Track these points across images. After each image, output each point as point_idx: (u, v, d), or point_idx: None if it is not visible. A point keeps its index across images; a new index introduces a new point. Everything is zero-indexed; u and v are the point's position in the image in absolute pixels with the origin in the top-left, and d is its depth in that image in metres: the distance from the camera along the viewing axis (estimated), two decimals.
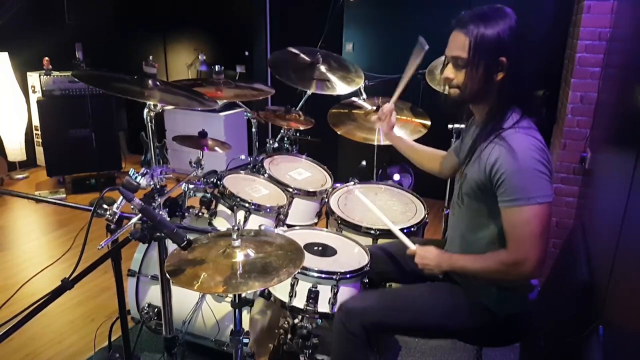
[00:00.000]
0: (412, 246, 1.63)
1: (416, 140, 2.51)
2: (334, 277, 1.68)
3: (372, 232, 2.04)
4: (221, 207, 2.14)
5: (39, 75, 4.29)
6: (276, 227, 2.11)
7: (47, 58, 4.39)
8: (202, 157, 2.20)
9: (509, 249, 1.36)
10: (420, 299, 1.56)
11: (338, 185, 2.42)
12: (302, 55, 2.68)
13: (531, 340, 1.62)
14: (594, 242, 1.77)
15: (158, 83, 1.77)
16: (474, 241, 1.50)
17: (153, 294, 2.10)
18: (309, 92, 2.71)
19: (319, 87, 2.58)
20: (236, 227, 1.34)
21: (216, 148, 2.51)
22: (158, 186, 1.65)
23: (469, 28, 1.34)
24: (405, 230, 2.05)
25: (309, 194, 2.30)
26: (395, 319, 1.56)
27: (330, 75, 2.63)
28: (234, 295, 1.45)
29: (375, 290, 1.68)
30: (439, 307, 1.54)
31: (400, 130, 2.50)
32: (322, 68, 2.64)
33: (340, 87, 2.61)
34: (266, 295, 1.90)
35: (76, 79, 4.30)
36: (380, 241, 2.06)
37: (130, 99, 1.64)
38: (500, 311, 1.49)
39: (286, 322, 1.89)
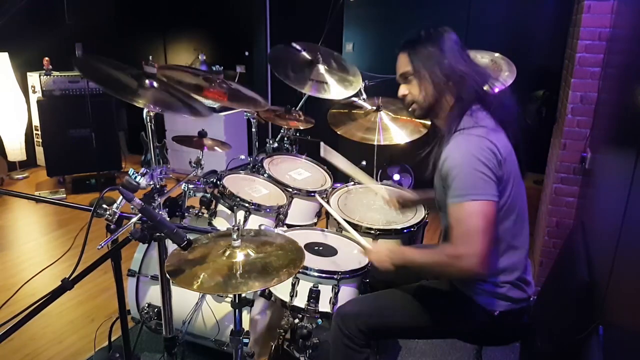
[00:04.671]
0: (367, 245, 1.66)
1: (416, 140, 2.52)
2: (335, 276, 1.68)
3: (372, 231, 2.04)
4: (221, 207, 2.14)
5: (39, 75, 4.29)
6: (276, 227, 2.11)
7: (47, 58, 4.39)
8: (202, 157, 2.20)
9: (451, 242, 1.37)
10: (412, 299, 1.56)
11: (338, 185, 2.42)
12: (304, 53, 2.67)
13: (531, 340, 1.62)
14: (594, 242, 1.78)
15: (154, 84, 1.75)
16: None
17: (153, 294, 2.10)
18: (307, 93, 2.71)
19: (315, 88, 2.58)
20: (236, 227, 1.34)
21: (216, 148, 2.51)
22: (158, 186, 1.65)
23: (407, 47, 1.50)
24: (405, 231, 2.06)
25: (308, 194, 2.30)
26: (390, 321, 1.56)
27: (327, 77, 2.63)
28: (234, 295, 1.45)
29: (371, 294, 1.68)
30: (431, 307, 1.54)
31: (401, 130, 2.50)
32: (321, 68, 2.63)
33: (335, 91, 2.61)
34: (267, 295, 1.90)
35: (76, 79, 4.31)
36: (380, 242, 2.06)
37: (126, 100, 1.62)
38: (494, 309, 1.50)
39: (287, 322, 1.89)
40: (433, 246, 1.47)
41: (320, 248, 1.88)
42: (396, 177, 3.81)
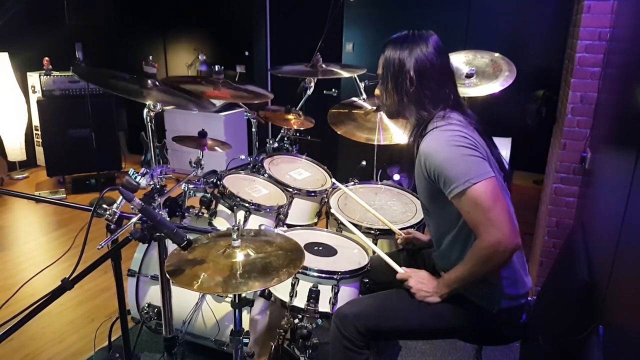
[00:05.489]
0: (400, 269, 1.63)
1: None
2: (335, 276, 1.68)
3: (372, 232, 2.04)
4: (221, 207, 2.14)
5: (39, 75, 4.29)
6: (276, 227, 2.11)
7: (47, 58, 4.39)
8: (202, 157, 2.20)
9: (479, 235, 1.37)
10: (410, 300, 1.56)
11: (338, 185, 2.42)
12: (303, 67, 2.69)
13: (531, 340, 1.62)
14: (594, 242, 1.77)
15: (157, 83, 1.77)
16: (455, 238, 1.52)
17: (153, 294, 2.10)
18: (309, 91, 2.71)
19: (325, 74, 2.60)
20: (236, 227, 1.34)
21: (216, 148, 2.51)
22: (158, 186, 1.65)
23: (383, 49, 1.55)
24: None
25: (308, 194, 2.30)
26: (388, 322, 1.56)
27: (332, 68, 2.64)
28: (234, 295, 1.45)
29: (370, 296, 1.68)
30: (428, 308, 1.53)
31: (401, 130, 2.50)
32: (324, 65, 2.64)
33: (343, 73, 2.63)
34: (267, 295, 1.90)
35: (76, 79, 4.31)
36: (380, 242, 2.06)
37: (131, 98, 1.65)
38: (491, 307, 1.50)
39: (287, 322, 1.89)
40: (465, 256, 1.46)
41: (320, 248, 1.88)
42: (396, 177, 3.81)
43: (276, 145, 2.70)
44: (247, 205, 2.06)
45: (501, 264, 1.40)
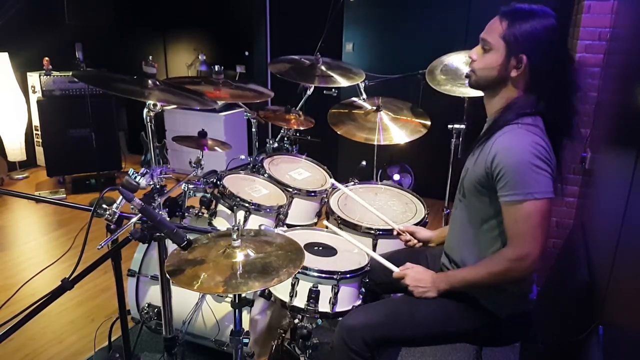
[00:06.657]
0: (395, 269, 1.62)
1: (416, 140, 2.51)
2: (335, 276, 1.68)
3: (372, 231, 2.04)
4: (221, 207, 2.14)
5: (39, 75, 4.29)
6: (276, 227, 2.11)
7: (47, 58, 4.39)
8: (202, 157, 2.20)
9: (512, 245, 1.35)
10: (419, 309, 1.53)
11: (338, 185, 2.42)
12: (303, 59, 2.68)
13: (531, 340, 1.62)
14: (594, 242, 1.78)
15: (157, 83, 1.77)
16: (475, 235, 1.49)
17: (153, 294, 2.10)
18: (309, 91, 2.70)
19: (322, 82, 2.58)
20: (236, 227, 1.34)
21: (216, 148, 2.51)
22: (158, 186, 1.65)
23: (507, 17, 1.38)
24: None
25: (308, 194, 2.30)
26: (398, 331, 1.53)
27: (330, 72, 2.63)
28: (234, 296, 1.45)
29: (375, 304, 1.66)
30: (438, 315, 1.52)
31: (401, 130, 2.50)
32: (323, 67, 2.64)
33: (342, 82, 2.60)
34: (267, 295, 1.90)
35: (76, 79, 4.30)
36: (380, 242, 2.06)
37: (131, 98, 1.65)
38: (500, 312, 1.49)
39: (287, 323, 1.89)
40: (482, 260, 1.45)
41: (320, 248, 1.88)
42: (396, 177, 3.81)
43: (276, 145, 2.70)
44: (247, 205, 2.06)
45: (514, 279, 1.39)
